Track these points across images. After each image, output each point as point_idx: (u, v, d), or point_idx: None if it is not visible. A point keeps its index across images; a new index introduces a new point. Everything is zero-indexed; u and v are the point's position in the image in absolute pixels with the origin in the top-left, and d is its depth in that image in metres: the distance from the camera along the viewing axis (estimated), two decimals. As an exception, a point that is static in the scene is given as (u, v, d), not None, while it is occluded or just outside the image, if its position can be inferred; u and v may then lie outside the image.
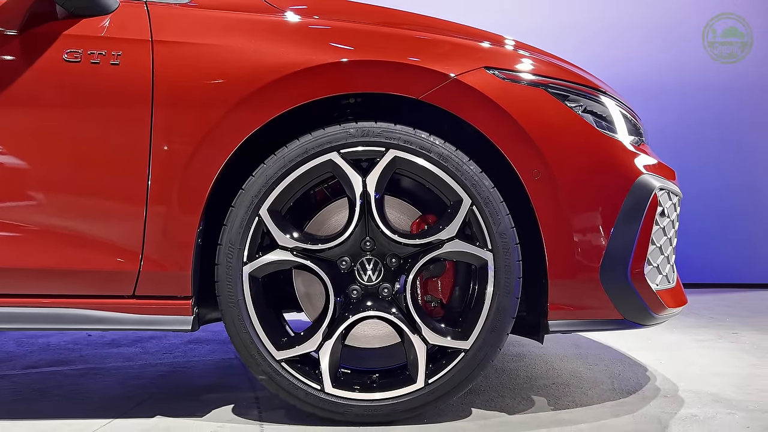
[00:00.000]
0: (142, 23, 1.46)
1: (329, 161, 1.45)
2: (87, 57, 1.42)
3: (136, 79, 1.42)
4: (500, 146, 1.46)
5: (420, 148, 1.45)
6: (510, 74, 1.50)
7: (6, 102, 1.41)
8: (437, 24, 1.70)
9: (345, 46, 1.48)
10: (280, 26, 1.53)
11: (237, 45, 1.46)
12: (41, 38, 1.44)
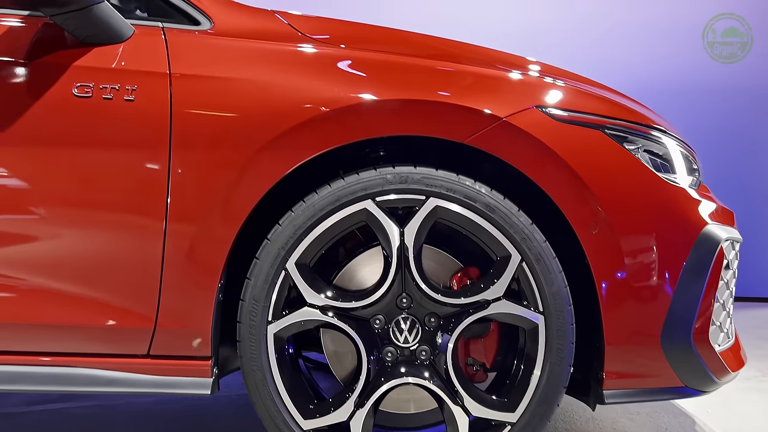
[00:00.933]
0: (158, 53, 1.32)
1: (363, 210, 1.31)
2: (99, 92, 1.28)
3: (152, 118, 1.27)
4: (553, 196, 1.31)
5: (464, 197, 1.30)
6: (564, 114, 1.35)
7: (10, 140, 1.28)
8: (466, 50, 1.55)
9: (383, 82, 1.33)
10: (311, 58, 1.38)
11: (263, 80, 1.32)
12: (49, 69, 1.29)
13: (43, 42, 1.32)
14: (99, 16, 1.28)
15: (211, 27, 1.39)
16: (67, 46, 1.32)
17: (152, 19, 1.40)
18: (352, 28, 1.53)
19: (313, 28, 1.46)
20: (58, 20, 1.29)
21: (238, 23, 1.42)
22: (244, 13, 1.46)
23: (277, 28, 1.44)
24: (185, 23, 1.40)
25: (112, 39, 1.32)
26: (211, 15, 1.41)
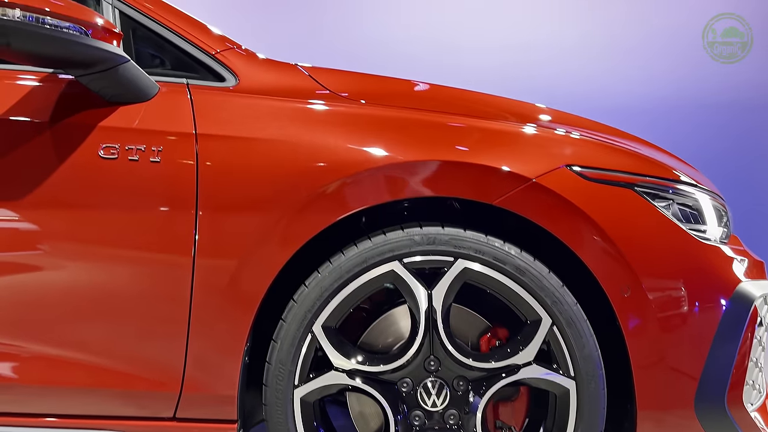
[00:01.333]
0: (184, 112, 1.31)
1: (391, 272, 1.29)
2: (124, 153, 1.27)
3: (178, 180, 1.26)
4: (583, 257, 1.29)
5: (494, 259, 1.28)
6: (594, 173, 1.33)
7: (36, 203, 1.27)
8: (489, 103, 1.54)
9: (412, 142, 1.31)
10: (338, 116, 1.35)
11: (290, 140, 1.30)
12: (75, 130, 1.28)
13: (68, 102, 1.31)
14: (125, 75, 1.28)
15: (236, 83, 1.38)
16: (93, 106, 1.31)
17: (177, 75, 1.40)
18: (376, 83, 1.52)
19: (338, 83, 1.45)
20: (84, 80, 1.29)
21: (263, 79, 1.41)
22: (269, 68, 1.45)
23: (302, 83, 1.43)
24: (210, 79, 1.39)
25: (138, 98, 1.31)
26: (236, 71, 1.40)
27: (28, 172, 1.27)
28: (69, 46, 1.17)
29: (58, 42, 1.16)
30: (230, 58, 1.41)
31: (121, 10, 1.42)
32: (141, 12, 1.41)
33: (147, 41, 1.48)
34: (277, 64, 1.48)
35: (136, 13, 1.41)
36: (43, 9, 1.13)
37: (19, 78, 1.32)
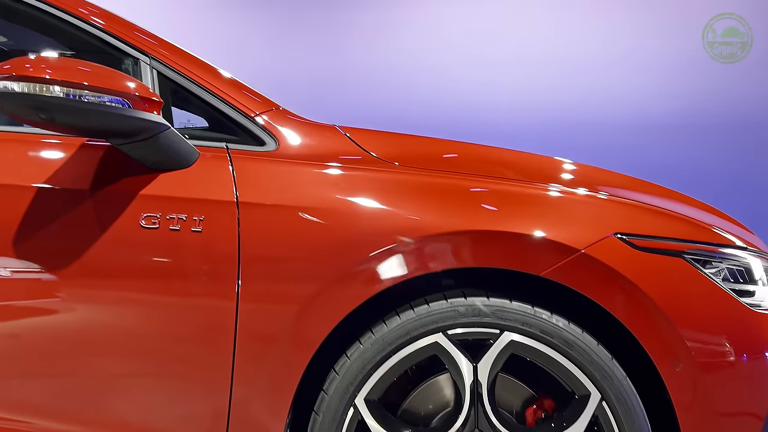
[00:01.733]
0: (225, 179, 1.30)
1: (435, 344, 1.26)
2: (166, 222, 1.26)
3: (219, 251, 1.24)
4: (633, 330, 1.25)
5: (540, 332, 1.25)
6: (644, 241, 1.29)
7: (76, 273, 1.25)
8: (532, 163, 1.52)
9: (458, 210, 1.29)
10: (382, 183, 1.33)
11: (333, 207, 1.28)
12: (116, 198, 1.27)
13: (108, 169, 1.30)
14: (166, 142, 1.27)
15: (277, 148, 1.37)
16: (133, 173, 1.30)
17: (216, 139, 1.39)
18: (415, 145, 1.50)
19: (378, 145, 1.43)
20: (125, 149, 1.28)
21: (302, 142, 1.40)
22: (308, 131, 1.44)
23: (341, 146, 1.41)
24: (250, 143, 1.38)
25: (179, 164, 1.30)
26: (275, 135, 1.38)
27: (69, 242, 1.26)
28: (110, 118, 1.17)
29: (99, 115, 1.16)
30: (270, 121, 1.40)
31: (159, 71, 1.41)
32: (180, 73, 1.40)
33: (186, 103, 1.48)
34: (316, 126, 1.46)
35: (175, 74, 1.40)
36: (82, 84, 1.13)
37: (59, 145, 1.32)
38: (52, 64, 1.15)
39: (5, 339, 1.26)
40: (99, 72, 1.18)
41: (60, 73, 1.13)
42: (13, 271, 1.25)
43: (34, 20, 1.64)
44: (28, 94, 1.11)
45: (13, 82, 1.11)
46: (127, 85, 1.18)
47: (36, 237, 1.25)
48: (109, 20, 1.44)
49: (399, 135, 1.53)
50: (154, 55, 1.41)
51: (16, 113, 1.15)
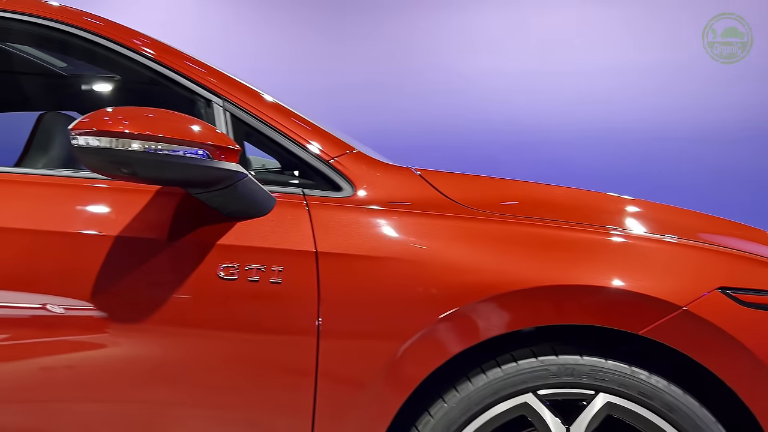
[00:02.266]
0: (303, 228, 1.26)
1: (524, 404, 1.20)
2: (244, 273, 1.23)
3: (299, 304, 1.20)
4: (740, 393, 1.17)
5: (639, 393, 1.17)
6: (750, 296, 1.20)
7: (153, 326, 1.22)
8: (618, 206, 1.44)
9: (549, 263, 1.22)
10: (464, 231, 1.26)
11: (417, 259, 1.22)
12: (193, 249, 1.24)
13: (185, 218, 1.27)
14: (244, 191, 1.23)
15: (354, 193, 1.32)
16: (210, 222, 1.27)
17: (291, 184, 1.36)
18: (494, 188, 1.43)
19: (456, 188, 1.37)
20: (203, 198, 1.25)
21: (379, 187, 1.35)
22: (384, 175, 1.38)
23: (419, 191, 1.35)
24: (326, 188, 1.34)
25: (256, 212, 1.27)
26: (352, 179, 1.34)
27: (147, 293, 1.23)
28: (189, 169, 1.14)
29: (178, 167, 1.13)
30: (346, 165, 1.36)
31: (232, 113, 1.38)
32: (253, 116, 1.37)
33: (261, 146, 1.45)
34: (391, 168, 1.41)
35: (248, 117, 1.37)
36: (160, 136, 1.10)
37: (134, 192, 1.30)
38: (130, 116, 1.13)
39: (82, 390, 1.25)
40: (177, 121, 1.15)
41: (138, 125, 1.10)
42: (92, 319, 1.24)
43: (118, 66, 1.64)
44: (110, 149, 1.09)
45: (94, 138, 1.09)
46: (205, 134, 1.15)
47: (113, 287, 1.23)
48: (182, 62, 1.43)
49: (472, 177, 1.47)
50: (227, 97, 1.39)
51: (98, 168, 1.13)
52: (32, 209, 1.29)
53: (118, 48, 1.41)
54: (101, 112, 1.12)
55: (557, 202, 1.41)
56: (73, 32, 1.42)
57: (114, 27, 1.46)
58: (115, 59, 1.43)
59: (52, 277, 1.24)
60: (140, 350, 1.23)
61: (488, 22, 4.75)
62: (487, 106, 4.65)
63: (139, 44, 1.43)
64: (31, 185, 1.33)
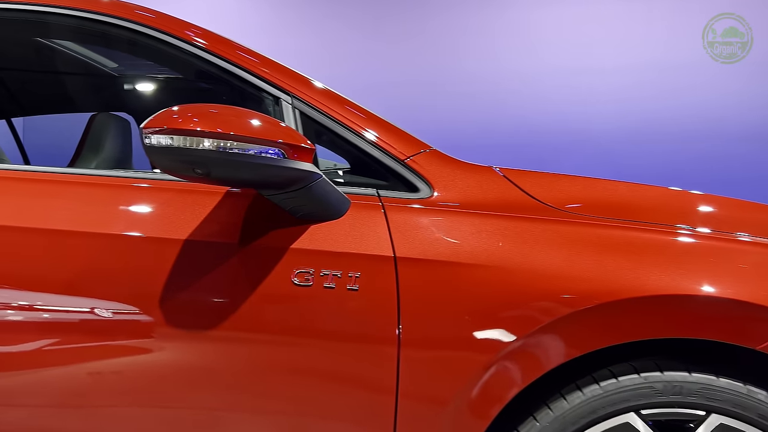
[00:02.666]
0: (379, 232, 1.18)
1: (625, 425, 1.09)
2: (319, 280, 1.15)
3: (377, 313, 1.12)
4: None
5: (758, 416, 1.05)
6: None
7: (225, 330, 1.16)
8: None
9: (654, 269, 1.10)
10: (556, 235, 1.16)
11: (503, 264, 1.13)
12: (265, 253, 1.18)
13: (255, 221, 1.20)
14: (318, 193, 1.16)
15: (431, 194, 1.24)
16: (283, 225, 1.20)
17: (364, 185, 1.28)
18: (589, 188, 1.33)
19: (542, 188, 1.27)
20: (275, 199, 1.18)
21: (459, 187, 1.26)
22: (463, 174, 1.29)
23: (503, 191, 1.26)
24: (401, 189, 1.26)
25: (330, 215, 1.19)
26: (430, 180, 1.26)
27: (218, 299, 1.17)
28: (263, 170, 1.07)
29: (251, 167, 1.06)
30: (423, 165, 1.27)
31: (302, 111, 1.32)
32: (324, 113, 1.31)
33: (332, 146, 1.38)
34: (471, 168, 1.32)
35: (319, 115, 1.31)
36: (228, 134, 1.03)
37: (202, 193, 1.24)
38: (199, 113, 1.06)
39: (158, 397, 1.19)
40: (247, 118, 1.08)
41: (208, 123, 1.03)
42: (158, 324, 1.18)
43: (172, 61, 1.61)
44: (182, 148, 1.03)
45: (166, 137, 1.03)
46: (278, 132, 1.09)
47: (181, 292, 1.17)
48: (251, 58, 1.37)
49: (558, 176, 1.36)
50: (297, 94, 1.32)
51: (171, 169, 1.07)
52: (91, 211, 1.24)
53: (171, 40, 1.36)
54: (169, 111, 1.06)
55: (651, 202, 1.30)
56: (125, 26, 1.38)
57: (166, 19, 1.41)
58: (169, 53, 1.39)
59: (116, 282, 1.19)
60: (206, 357, 1.17)
61: (534, 17, 4.68)
62: (536, 105, 4.60)
63: (191, 35, 1.38)
64: (88, 186, 1.29)
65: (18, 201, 1.25)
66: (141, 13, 1.41)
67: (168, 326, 1.16)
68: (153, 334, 1.17)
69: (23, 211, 1.23)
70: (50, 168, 1.31)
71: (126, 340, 1.17)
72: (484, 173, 1.30)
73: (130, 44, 1.56)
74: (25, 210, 1.23)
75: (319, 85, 1.37)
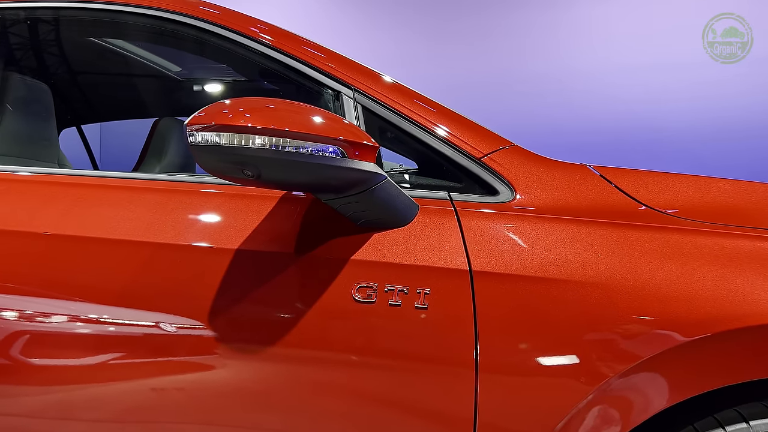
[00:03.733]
0: (452, 242, 1.02)
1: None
2: (383, 296, 1.01)
3: (450, 334, 0.97)
4: None
5: None
6: None
7: (279, 348, 1.03)
8: None
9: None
10: (673, 244, 0.96)
11: (608, 281, 0.94)
12: (323, 264, 1.05)
13: (312, 229, 1.07)
14: (382, 196, 1.02)
15: (513, 198, 1.07)
16: (342, 233, 1.06)
17: (434, 187, 1.13)
18: (703, 188, 1.10)
19: (651, 191, 1.07)
20: (334, 204, 1.05)
21: (548, 190, 1.08)
22: (553, 174, 1.11)
23: (601, 194, 1.07)
24: (477, 191, 1.10)
25: (396, 222, 1.05)
26: (511, 181, 1.09)
27: (269, 314, 1.05)
28: (320, 171, 0.93)
29: (307, 168, 0.92)
30: (502, 163, 1.11)
31: (365, 105, 1.18)
32: (389, 108, 1.17)
33: (398, 144, 1.24)
34: (561, 166, 1.14)
35: (384, 110, 1.17)
36: (283, 130, 0.90)
37: (252, 199, 1.13)
38: (251, 108, 0.93)
39: (216, 416, 1.09)
40: (303, 113, 0.95)
41: (261, 118, 0.91)
42: (208, 340, 1.07)
43: (237, 60, 1.52)
44: (231, 146, 0.92)
45: (214, 134, 0.92)
46: (338, 128, 0.95)
47: (233, 306, 1.06)
48: (316, 53, 1.25)
49: (665, 175, 1.15)
50: (359, 88, 1.19)
51: (217, 170, 0.96)
52: (145, 218, 1.15)
53: (236, 37, 1.26)
54: (218, 105, 0.94)
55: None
56: (191, 23, 1.30)
57: (231, 15, 1.32)
58: (234, 51, 1.29)
59: (164, 293, 1.09)
60: (262, 375, 1.04)
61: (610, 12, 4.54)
62: (609, 104, 4.61)
63: (256, 32, 1.27)
64: (145, 191, 1.20)
65: (72, 208, 1.18)
66: (206, 9, 1.32)
67: (222, 342, 1.05)
68: (210, 349, 1.05)
69: (80, 218, 1.16)
70: (106, 173, 1.24)
71: (184, 356, 1.07)
72: (576, 172, 1.12)
73: (195, 43, 1.49)
74: (77, 217, 1.16)
75: (387, 78, 1.24)
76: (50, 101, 1.75)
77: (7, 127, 1.62)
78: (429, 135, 1.13)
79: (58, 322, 1.09)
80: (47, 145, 1.76)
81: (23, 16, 1.55)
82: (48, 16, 1.60)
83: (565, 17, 4.66)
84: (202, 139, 0.92)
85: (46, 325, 1.09)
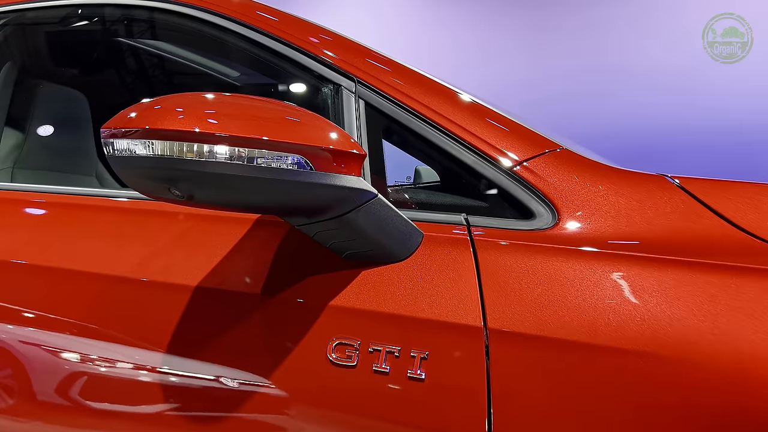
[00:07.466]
0: (466, 286, 0.72)
1: None
2: (367, 358, 0.73)
3: (453, 416, 0.67)
4: None
5: None
6: None
7: (248, 408, 0.81)
8: None
9: None
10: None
11: (698, 356, 0.61)
12: (294, 309, 0.78)
13: (287, 262, 0.82)
14: (371, 221, 0.74)
15: (555, 223, 0.77)
16: (323, 269, 0.80)
17: (448, 207, 0.83)
18: None
19: (762, 213, 0.73)
20: (307, 231, 0.79)
21: (606, 212, 0.76)
22: (617, 189, 0.78)
23: (690, 220, 0.73)
24: (506, 214, 0.80)
25: (390, 255, 0.77)
26: (553, 199, 0.78)
27: (221, 370, 0.82)
28: (278, 189, 0.68)
29: (258, 185, 0.67)
30: (542, 174, 0.80)
31: (368, 101, 0.92)
32: (400, 104, 0.89)
33: (404, 145, 0.96)
34: (627, 176, 0.80)
35: (391, 105, 0.90)
36: (261, 138, 0.65)
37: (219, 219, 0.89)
38: (186, 104, 0.68)
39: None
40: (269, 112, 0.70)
41: (195, 119, 0.65)
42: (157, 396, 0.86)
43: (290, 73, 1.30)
44: (161, 158, 0.68)
45: (142, 142, 0.69)
46: (309, 131, 0.69)
47: (181, 360, 0.84)
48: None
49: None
50: (362, 78, 0.93)
51: (140, 187, 0.73)
52: (98, 248, 0.95)
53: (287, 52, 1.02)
54: (151, 103, 0.71)
55: None
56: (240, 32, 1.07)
57: (290, 22, 1.08)
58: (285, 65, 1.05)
59: (116, 327, 0.89)
60: None
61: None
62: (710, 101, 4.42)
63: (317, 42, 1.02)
64: (103, 211, 1.00)
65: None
66: (262, 14, 1.10)
67: (169, 403, 0.83)
68: (159, 415, 0.84)
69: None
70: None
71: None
72: (650, 186, 0.78)
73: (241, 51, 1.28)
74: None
75: (395, 60, 0.96)
76: (85, 110, 1.62)
77: (37, 139, 1.51)
78: (442, 135, 0.84)
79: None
80: (84, 156, 1.64)
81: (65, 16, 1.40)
82: (115, 15, 1.44)
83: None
84: (125, 147, 0.69)
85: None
